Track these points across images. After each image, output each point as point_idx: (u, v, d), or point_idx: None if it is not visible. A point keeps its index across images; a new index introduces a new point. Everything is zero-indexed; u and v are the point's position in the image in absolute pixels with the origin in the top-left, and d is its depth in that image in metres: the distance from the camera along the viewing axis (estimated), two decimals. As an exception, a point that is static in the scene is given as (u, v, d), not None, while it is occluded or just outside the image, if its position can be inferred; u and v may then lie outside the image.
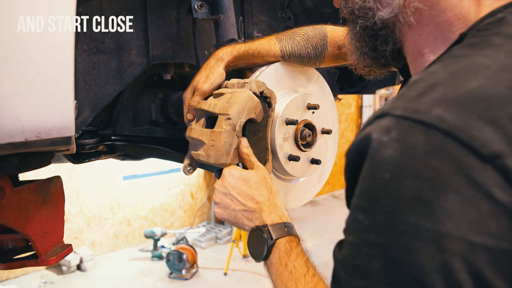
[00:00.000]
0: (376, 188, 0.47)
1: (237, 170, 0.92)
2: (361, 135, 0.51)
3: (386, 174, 0.46)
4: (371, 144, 0.48)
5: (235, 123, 0.92)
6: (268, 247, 0.81)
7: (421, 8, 0.61)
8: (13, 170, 0.91)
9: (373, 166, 0.47)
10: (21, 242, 1.05)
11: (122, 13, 1.13)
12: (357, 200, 0.50)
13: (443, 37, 0.61)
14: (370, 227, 0.47)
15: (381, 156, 0.47)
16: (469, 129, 0.43)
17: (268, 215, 0.86)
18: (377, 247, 0.46)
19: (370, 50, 0.70)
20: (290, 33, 1.09)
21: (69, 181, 4.15)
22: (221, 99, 0.97)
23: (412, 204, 0.44)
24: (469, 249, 0.41)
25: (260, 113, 0.97)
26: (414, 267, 0.43)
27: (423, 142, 0.44)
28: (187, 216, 5.16)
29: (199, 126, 1.00)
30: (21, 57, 0.71)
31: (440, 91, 0.47)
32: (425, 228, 0.42)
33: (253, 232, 0.85)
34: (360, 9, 0.67)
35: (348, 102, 7.00)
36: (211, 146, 0.94)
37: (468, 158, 0.42)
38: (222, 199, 0.90)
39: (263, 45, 1.07)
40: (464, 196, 0.42)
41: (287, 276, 0.77)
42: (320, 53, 1.11)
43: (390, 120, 0.48)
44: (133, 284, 3.89)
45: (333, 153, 1.26)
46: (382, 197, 0.46)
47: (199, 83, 1.03)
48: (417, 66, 0.66)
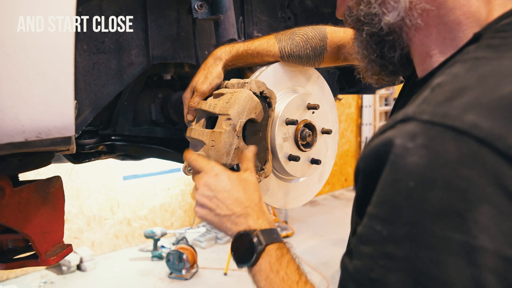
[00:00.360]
0: (399, 198, 0.44)
1: (225, 171, 0.87)
2: (381, 139, 0.48)
3: (410, 182, 0.43)
4: (394, 150, 0.45)
5: (235, 123, 0.92)
6: (257, 253, 0.76)
7: (428, 9, 0.60)
8: (13, 170, 0.91)
9: (396, 174, 0.45)
10: (21, 242, 1.05)
11: (122, 13, 1.13)
12: (375, 209, 0.47)
13: (452, 36, 0.59)
14: (389, 239, 0.45)
15: (405, 163, 0.44)
16: (506, 137, 0.41)
17: (256, 220, 0.81)
18: (396, 260, 0.44)
19: (377, 57, 0.69)
20: (290, 33, 1.09)
21: (69, 181, 4.15)
22: (221, 99, 0.97)
23: (441, 215, 0.41)
24: (504, 263, 0.39)
25: (260, 113, 0.97)
26: (440, 282, 0.40)
27: (454, 149, 0.42)
28: (187, 216, 5.16)
29: (199, 126, 1.00)
30: (21, 57, 0.71)
31: (471, 96, 0.45)
32: (455, 241, 0.40)
33: (239, 237, 0.80)
34: (365, 15, 0.65)
35: (348, 102, 7.00)
36: (211, 147, 0.94)
37: (505, 168, 0.40)
38: (205, 202, 0.85)
39: (262, 45, 1.06)
40: (500, 208, 0.39)
41: (278, 283, 0.73)
42: (319, 54, 1.10)
43: (416, 125, 0.45)
44: (133, 284, 3.89)
45: (333, 153, 1.26)
46: (406, 207, 0.43)
47: (198, 83, 1.03)
48: (425, 67, 0.64)
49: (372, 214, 0.48)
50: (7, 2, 0.69)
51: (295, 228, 5.02)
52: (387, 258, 0.44)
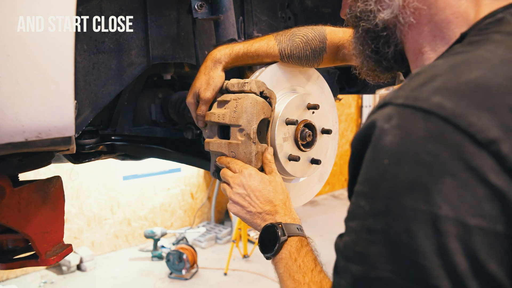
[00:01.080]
0: (377, 174, 0.48)
1: (258, 173, 0.95)
2: (366, 123, 0.52)
3: (385, 159, 0.47)
4: (375, 132, 0.49)
5: (248, 132, 0.96)
6: (280, 243, 0.85)
7: (420, 8, 0.63)
8: (13, 170, 0.91)
9: (375, 153, 0.49)
10: (21, 242, 1.05)
11: (122, 13, 1.13)
12: (360, 186, 0.51)
13: (442, 35, 0.63)
14: (370, 213, 0.48)
15: (382, 142, 0.48)
16: (466, 115, 0.44)
17: (283, 216, 0.91)
18: (376, 232, 0.47)
19: (372, 53, 0.72)
20: (290, 34, 1.10)
21: (69, 181, 4.15)
22: (228, 107, 0.99)
23: (410, 188, 0.45)
24: (465, 231, 0.42)
25: (268, 110, 0.99)
26: (412, 250, 0.43)
27: (422, 128, 0.45)
28: (187, 216, 5.16)
29: (214, 137, 1.03)
30: (21, 57, 0.71)
31: (440, 81, 0.48)
32: (422, 211, 0.43)
33: (266, 229, 0.89)
34: (362, 12, 0.69)
35: (348, 102, 7.00)
36: (233, 157, 0.98)
37: (465, 144, 0.43)
38: (239, 200, 0.94)
39: (262, 47, 1.07)
40: (461, 180, 0.43)
41: (295, 269, 0.81)
42: (318, 55, 1.12)
43: (391, 108, 0.49)
44: (133, 284, 3.89)
45: (333, 153, 1.26)
46: (382, 182, 0.47)
47: (201, 91, 1.04)
48: (418, 64, 0.67)
49: (358, 191, 0.51)
50: (7, 2, 0.69)
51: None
52: (368, 232, 0.48)
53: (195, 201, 5.22)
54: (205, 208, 5.33)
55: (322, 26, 1.14)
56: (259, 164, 0.98)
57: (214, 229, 4.97)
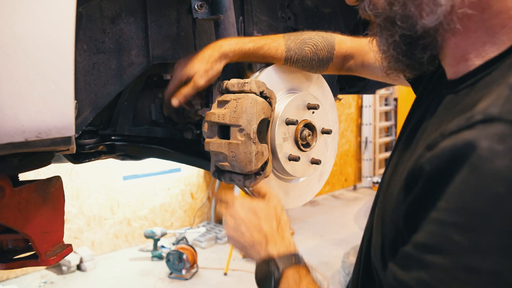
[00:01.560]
0: (485, 204, 0.41)
1: (246, 202, 0.91)
2: (456, 141, 0.45)
3: (501, 188, 0.41)
4: (477, 153, 0.43)
5: (248, 132, 0.95)
6: (275, 280, 0.77)
7: (470, 14, 0.57)
8: (13, 170, 0.91)
9: (480, 179, 0.42)
10: (21, 242, 1.05)
11: (122, 13, 1.13)
12: (447, 215, 0.44)
13: (494, 40, 0.58)
14: (471, 249, 0.41)
15: (493, 167, 0.41)
16: None
17: (274, 246, 0.83)
18: (482, 273, 0.40)
19: (405, 58, 0.66)
20: (300, 42, 1.06)
21: (69, 181, 4.15)
22: (228, 107, 0.99)
23: None
24: None
25: (268, 110, 0.99)
26: None
27: None
28: (187, 216, 5.16)
29: (215, 137, 1.02)
30: (21, 57, 0.70)
31: None
32: None
33: (259, 266, 0.83)
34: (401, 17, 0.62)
35: (348, 102, 7.00)
36: (233, 157, 0.98)
37: None
38: (232, 233, 0.90)
39: (270, 51, 1.05)
40: None
41: None
42: (324, 64, 1.11)
43: (505, 127, 0.43)
44: (133, 284, 3.89)
45: (333, 153, 1.26)
46: (495, 215, 0.41)
47: (197, 76, 1.01)
48: (458, 70, 0.62)
49: (444, 221, 0.44)
50: (7, 2, 0.69)
51: (295, 228, 5.02)
52: (470, 271, 0.41)
53: (195, 201, 5.22)
54: (205, 208, 5.33)
55: (331, 34, 1.12)
56: (259, 164, 0.98)
57: (214, 229, 4.97)
